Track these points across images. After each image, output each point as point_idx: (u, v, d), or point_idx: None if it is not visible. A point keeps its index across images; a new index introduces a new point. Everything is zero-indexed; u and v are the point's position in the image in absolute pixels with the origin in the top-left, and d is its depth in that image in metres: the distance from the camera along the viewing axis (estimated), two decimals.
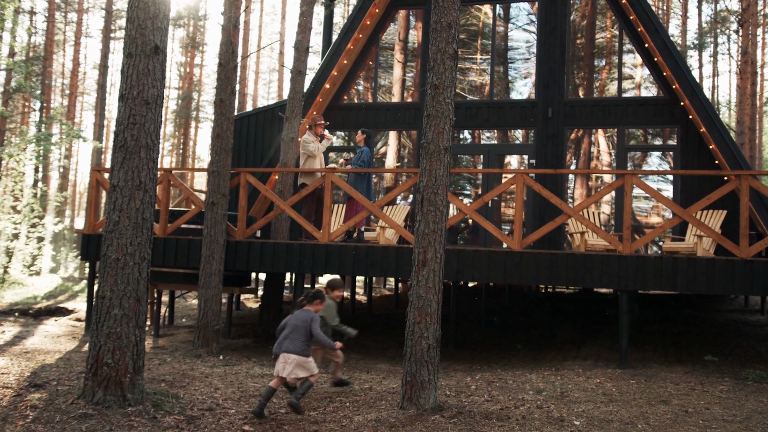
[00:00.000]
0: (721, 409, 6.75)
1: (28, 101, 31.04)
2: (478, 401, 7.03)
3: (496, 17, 15.95)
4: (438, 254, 6.69)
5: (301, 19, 13.04)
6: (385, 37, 16.60)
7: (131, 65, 6.56)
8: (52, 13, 30.55)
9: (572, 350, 10.84)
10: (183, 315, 15.66)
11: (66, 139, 23.86)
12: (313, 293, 6.85)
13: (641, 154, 15.14)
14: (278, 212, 11.66)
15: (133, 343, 6.35)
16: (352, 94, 16.66)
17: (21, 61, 22.68)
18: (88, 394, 6.20)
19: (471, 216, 10.50)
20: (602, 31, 15.58)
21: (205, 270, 10.50)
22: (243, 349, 11.00)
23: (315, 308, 6.81)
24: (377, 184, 16.49)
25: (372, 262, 10.50)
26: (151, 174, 6.62)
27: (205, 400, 6.87)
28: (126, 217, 6.41)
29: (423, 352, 6.55)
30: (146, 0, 6.60)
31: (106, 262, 6.41)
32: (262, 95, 45.25)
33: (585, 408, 6.73)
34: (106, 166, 23.30)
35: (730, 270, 9.18)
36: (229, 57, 10.88)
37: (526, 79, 16.04)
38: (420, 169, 6.85)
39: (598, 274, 9.61)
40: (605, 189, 10.45)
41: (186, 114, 35.75)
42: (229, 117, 10.84)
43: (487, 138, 16.01)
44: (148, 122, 6.56)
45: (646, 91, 14.98)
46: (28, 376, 7.55)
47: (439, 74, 6.79)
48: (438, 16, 6.85)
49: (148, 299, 13.06)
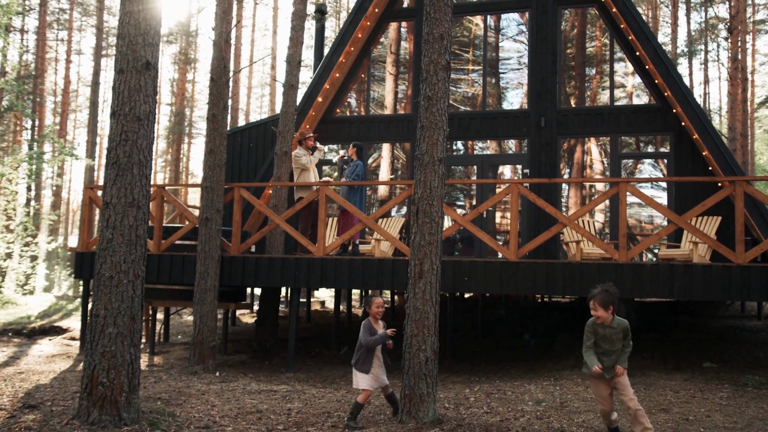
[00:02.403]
0: (721, 417, 6.71)
1: (20, 120, 30.96)
2: (478, 413, 6.97)
3: (488, 28, 16.00)
4: (434, 266, 6.66)
5: (293, 33, 13.05)
6: (377, 49, 16.62)
7: (122, 81, 6.53)
8: (42, 31, 30.53)
9: (570, 359, 10.79)
10: (178, 332, 15.56)
11: (58, 157, 23.78)
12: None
13: (634, 162, 15.17)
14: (273, 227, 11.61)
15: (128, 361, 6.28)
16: (345, 107, 16.66)
17: (13, 80, 22.62)
18: (83, 414, 6.12)
19: (466, 227, 10.47)
20: (593, 40, 15.64)
21: (200, 286, 10.44)
22: (239, 365, 10.92)
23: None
24: (371, 196, 16.47)
25: (368, 275, 10.45)
26: (144, 190, 6.57)
27: (202, 417, 6.80)
28: (119, 234, 6.36)
29: (421, 364, 6.50)
30: (137, 16, 6.57)
31: (99, 280, 6.35)
32: (255, 110, 45.25)
33: (585, 418, 6.68)
34: (99, 184, 23.25)
35: (727, 276, 9.17)
36: (221, 72, 10.87)
37: (518, 89, 16.08)
38: (414, 181, 6.82)
39: (594, 282, 9.54)
40: (600, 197, 10.45)
41: (179, 130, 35.68)
42: (221, 132, 10.81)
43: (480, 148, 16.01)
44: (140, 138, 6.52)
45: (638, 99, 15.02)
46: (22, 397, 7.46)
47: (431, 85, 6.78)
48: (430, 28, 6.84)
49: (143, 316, 12.99)
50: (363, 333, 6.52)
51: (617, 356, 5.52)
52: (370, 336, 6.48)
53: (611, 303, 5.42)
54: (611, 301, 5.42)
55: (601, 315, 5.44)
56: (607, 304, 5.41)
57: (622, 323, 5.50)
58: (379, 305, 6.60)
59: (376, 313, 6.60)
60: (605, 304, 5.41)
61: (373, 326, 6.56)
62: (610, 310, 5.43)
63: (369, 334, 6.49)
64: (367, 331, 6.51)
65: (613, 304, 5.43)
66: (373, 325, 6.56)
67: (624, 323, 5.53)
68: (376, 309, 6.59)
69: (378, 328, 6.58)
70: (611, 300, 5.42)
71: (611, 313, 5.44)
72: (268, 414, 7.06)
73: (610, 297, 5.42)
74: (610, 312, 5.43)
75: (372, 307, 6.60)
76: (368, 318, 6.65)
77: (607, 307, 5.41)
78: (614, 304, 5.44)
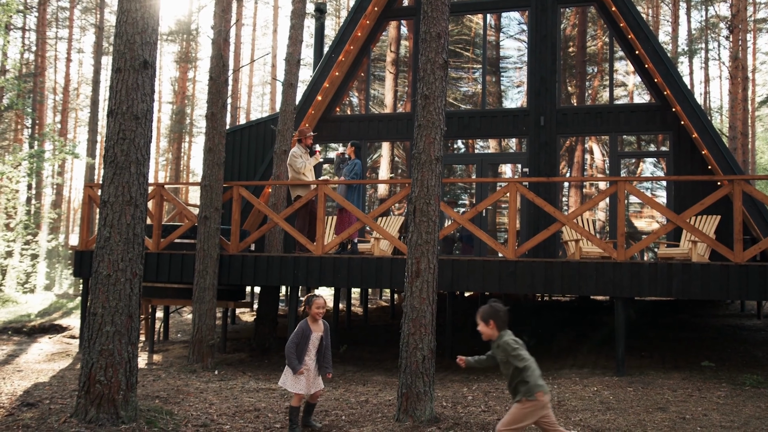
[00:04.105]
0: (718, 416, 6.72)
1: (21, 118, 30.99)
2: (475, 412, 6.99)
3: (487, 26, 15.99)
4: (431, 265, 6.66)
5: (292, 32, 13.06)
6: (377, 48, 16.62)
7: (120, 80, 6.54)
8: (42, 29, 30.54)
9: (569, 358, 10.80)
10: (178, 330, 15.58)
11: (59, 156, 23.81)
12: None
13: (634, 161, 15.16)
14: (271, 225, 11.62)
15: (126, 359, 6.29)
16: (345, 105, 16.67)
17: (13, 78, 22.64)
18: (80, 412, 6.14)
19: (465, 225, 10.47)
20: (593, 39, 15.63)
21: (199, 284, 10.45)
22: (238, 364, 10.93)
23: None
24: (371, 195, 16.47)
25: (366, 274, 10.46)
26: (142, 189, 6.59)
27: (200, 416, 6.81)
28: (117, 232, 6.37)
29: (418, 363, 6.51)
30: (135, 15, 6.58)
31: (97, 278, 6.36)
32: (255, 108, 45.28)
33: (582, 417, 6.69)
34: (98, 182, 23.25)
35: (725, 275, 9.17)
36: (220, 71, 10.87)
37: (518, 88, 16.08)
38: (412, 180, 6.83)
39: (593, 281, 9.59)
40: (599, 196, 10.45)
41: (179, 129, 35.69)
42: (220, 131, 10.82)
43: (480, 147, 16.02)
44: (137, 137, 6.53)
45: (638, 98, 15.02)
46: (21, 395, 7.48)
47: (429, 84, 6.78)
48: (427, 27, 6.85)
49: (142, 315, 13.01)
50: (293, 336, 6.27)
51: (514, 384, 4.81)
52: (294, 347, 6.21)
53: (491, 318, 4.88)
54: (491, 316, 4.88)
55: (482, 330, 4.96)
56: (486, 319, 4.90)
57: (502, 342, 4.86)
58: (319, 306, 6.33)
59: (316, 314, 6.33)
60: (485, 319, 4.91)
61: (310, 326, 6.30)
62: (491, 325, 4.88)
63: (295, 343, 6.22)
64: (296, 337, 6.25)
65: (494, 319, 4.87)
66: (310, 326, 6.30)
67: (503, 341, 4.85)
68: (317, 310, 6.32)
69: (316, 329, 6.33)
70: (491, 314, 4.89)
71: (493, 328, 4.88)
72: (266, 412, 7.08)
73: (491, 311, 4.90)
74: (491, 327, 4.88)
75: (312, 307, 6.30)
76: (307, 318, 6.38)
77: (487, 322, 4.89)
78: (496, 319, 4.88)
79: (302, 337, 6.26)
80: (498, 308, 4.92)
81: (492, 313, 4.90)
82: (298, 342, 6.24)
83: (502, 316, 4.91)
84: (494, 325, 4.89)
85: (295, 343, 6.23)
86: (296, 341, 6.24)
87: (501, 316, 4.91)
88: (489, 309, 4.92)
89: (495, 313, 4.90)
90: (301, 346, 6.25)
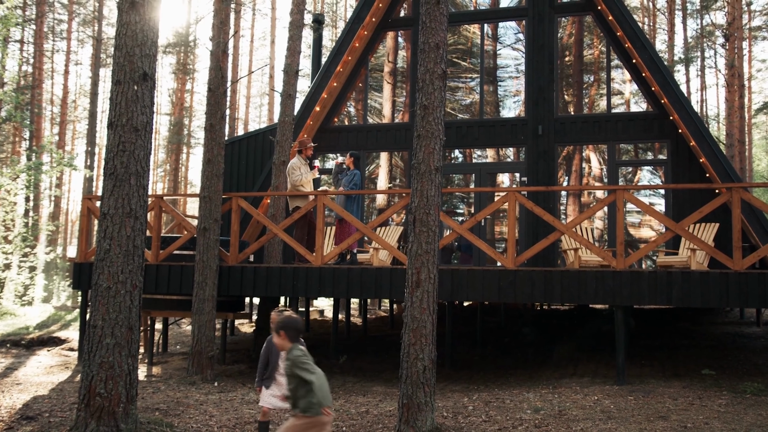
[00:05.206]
0: (720, 424, 6.71)
1: (19, 131, 31.00)
2: (476, 422, 6.97)
3: (485, 36, 16.05)
4: (431, 275, 6.66)
5: (290, 43, 13.10)
6: (374, 58, 16.67)
7: (120, 92, 6.56)
8: (40, 41, 30.60)
9: (569, 367, 10.78)
10: (177, 342, 15.54)
11: (57, 168, 23.80)
12: None
13: (632, 169, 15.19)
14: (270, 236, 11.62)
15: (126, 372, 6.28)
16: (343, 116, 16.70)
17: (11, 90, 22.66)
18: (80, 425, 6.12)
19: (464, 235, 10.48)
20: (590, 48, 15.69)
21: (199, 296, 10.43)
22: (238, 375, 10.91)
23: None
24: (369, 205, 16.48)
25: (366, 284, 10.45)
26: (142, 201, 6.59)
27: (200, 428, 6.79)
28: (117, 244, 6.37)
29: (419, 373, 6.50)
30: (134, 27, 6.60)
31: (97, 290, 6.36)
32: (254, 119, 45.37)
33: (584, 426, 6.67)
34: (97, 194, 23.24)
35: (725, 283, 9.17)
36: (219, 82, 10.90)
37: (515, 97, 16.13)
38: (411, 190, 6.84)
39: (592, 290, 9.59)
40: (598, 205, 10.45)
41: (178, 140, 35.73)
42: (219, 142, 10.83)
43: (478, 157, 16.05)
44: (137, 149, 6.54)
45: (635, 107, 15.07)
46: (20, 408, 7.45)
47: (428, 94, 6.80)
48: (426, 37, 6.88)
49: (141, 327, 12.97)
50: (263, 352, 6.24)
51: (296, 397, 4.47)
52: (265, 363, 6.24)
53: (282, 328, 4.60)
54: (282, 327, 4.61)
55: (275, 341, 4.73)
56: (277, 329, 4.65)
57: (291, 355, 4.52)
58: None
59: None
60: (276, 329, 4.67)
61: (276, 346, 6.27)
62: (282, 336, 4.59)
63: (265, 359, 6.23)
64: (265, 353, 6.23)
65: (285, 330, 4.59)
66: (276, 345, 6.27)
67: (293, 355, 4.51)
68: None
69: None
70: (282, 325, 4.62)
71: (284, 339, 4.59)
72: None
73: (283, 321, 4.64)
74: (282, 338, 4.59)
75: None
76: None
77: (278, 333, 4.62)
78: (287, 330, 4.59)
79: (268, 357, 6.38)
80: (290, 320, 4.69)
81: (284, 324, 4.64)
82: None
83: (293, 328, 4.64)
84: (285, 336, 4.60)
85: (264, 361, 6.39)
86: (265, 359, 6.38)
87: (293, 327, 4.65)
88: (282, 319, 4.67)
89: (287, 324, 4.64)
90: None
